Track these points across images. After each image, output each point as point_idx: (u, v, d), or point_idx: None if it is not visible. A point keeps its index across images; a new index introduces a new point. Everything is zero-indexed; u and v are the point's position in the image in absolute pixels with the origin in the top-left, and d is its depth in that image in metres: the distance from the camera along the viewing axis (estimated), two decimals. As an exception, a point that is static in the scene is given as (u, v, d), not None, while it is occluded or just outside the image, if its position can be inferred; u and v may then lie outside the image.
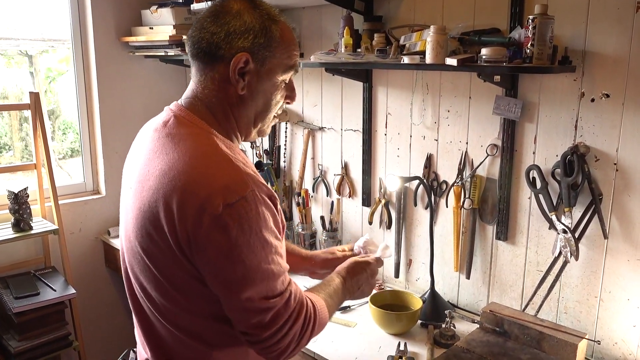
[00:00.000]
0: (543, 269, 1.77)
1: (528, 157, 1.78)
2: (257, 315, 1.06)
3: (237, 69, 1.09)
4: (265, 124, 1.21)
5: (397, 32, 1.99)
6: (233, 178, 1.03)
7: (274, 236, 1.07)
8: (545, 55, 1.53)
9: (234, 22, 1.08)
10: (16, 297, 2.34)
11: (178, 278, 1.09)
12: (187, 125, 1.11)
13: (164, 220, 1.03)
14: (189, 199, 1.00)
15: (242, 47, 1.08)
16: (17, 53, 2.86)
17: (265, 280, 1.05)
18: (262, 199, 1.04)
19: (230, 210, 0.99)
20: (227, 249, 1.01)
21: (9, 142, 2.91)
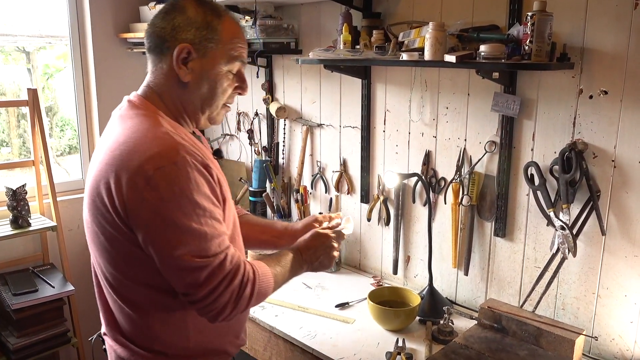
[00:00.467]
0: (541, 265, 1.78)
1: (526, 153, 1.79)
2: (191, 273, 1.12)
3: (180, 59, 1.20)
4: (213, 112, 1.30)
5: (395, 28, 1.99)
6: (166, 146, 1.12)
7: (209, 201, 1.15)
8: (543, 52, 1.53)
9: (179, 17, 1.21)
10: (15, 294, 2.33)
11: (122, 246, 1.17)
12: (136, 107, 1.23)
13: (104, 190, 1.14)
14: (124, 167, 1.11)
15: (185, 39, 1.20)
16: (14, 49, 2.85)
17: (197, 240, 1.11)
18: (194, 165, 1.12)
19: (162, 173, 1.09)
20: (158, 208, 1.09)
21: (7, 138, 2.90)
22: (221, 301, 1.15)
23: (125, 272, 1.22)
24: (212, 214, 1.15)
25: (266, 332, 1.95)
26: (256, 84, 2.69)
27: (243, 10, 2.47)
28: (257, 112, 2.75)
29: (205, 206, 1.13)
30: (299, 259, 1.39)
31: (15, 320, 2.30)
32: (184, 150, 1.13)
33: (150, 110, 1.23)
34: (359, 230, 2.38)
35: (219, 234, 1.16)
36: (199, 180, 1.13)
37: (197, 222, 1.12)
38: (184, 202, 1.10)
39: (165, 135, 1.15)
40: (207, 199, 1.15)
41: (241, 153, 2.90)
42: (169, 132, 1.16)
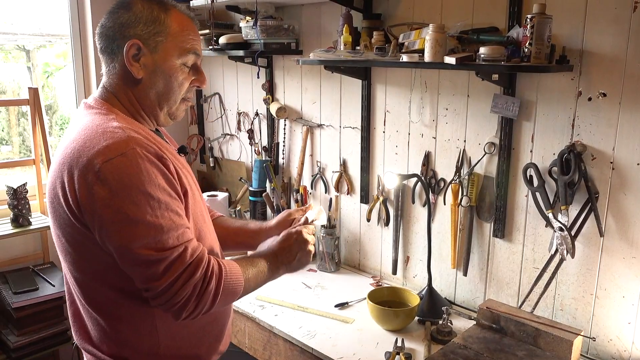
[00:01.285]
0: (539, 266, 1.79)
1: (525, 155, 1.79)
2: (149, 267, 1.10)
3: (131, 55, 1.19)
4: (172, 107, 1.28)
5: (396, 30, 2.00)
6: (114, 140, 1.11)
7: (164, 193, 1.12)
8: (543, 55, 1.54)
9: (125, 14, 1.20)
10: (15, 292, 2.34)
11: (83, 247, 1.16)
12: (91, 108, 1.23)
13: (59, 190, 1.13)
14: (75, 164, 1.10)
15: (133, 35, 1.19)
16: (14, 48, 2.86)
17: (152, 232, 1.09)
18: (145, 156, 1.11)
19: (110, 166, 1.07)
20: (109, 202, 1.07)
21: (6, 137, 2.91)
22: (182, 295, 1.12)
23: (90, 274, 1.20)
24: (169, 206, 1.12)
25: (266, 332, 1.96)
26: (256, 84, 2.70)
27: (244, 11, 2.48)
28: (257, 112, 2.76)
29: (159, 198, 1.11)
30: (275, 261, 1.36)
31: (15, 319, 2.31)
32: (134, 142, 1.11)
33: (105, 109, 1.21)
34: (358, 230, 2.39)
35: (177, 226, 1.13)
36: (150, 171, 1.11)
37: (151, 214, 1.09)
38: (135, 194, 1.08)
39: (115, 129, 1.14)
40: (162, 190, 1.12)
41: (241, 153, 2.91)
42: (121, 126, 1.15)
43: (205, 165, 3.17)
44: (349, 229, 2.44)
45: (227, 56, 2.59)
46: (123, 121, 1.19)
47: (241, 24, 2.39)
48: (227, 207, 2.70)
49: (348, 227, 2.44)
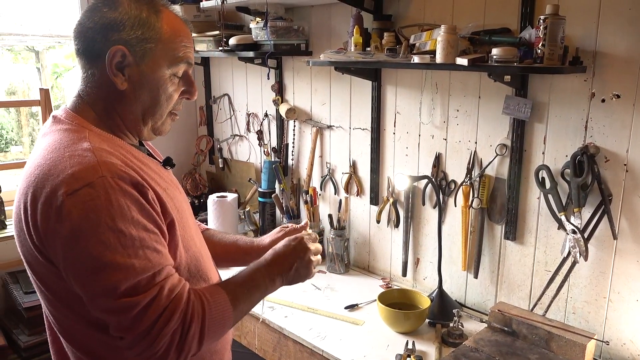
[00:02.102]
0: (551, 269, 1.77)
1: (537, 157, 1.78)
2: (118, 315, 0.96)
3: (114, 64, 1.04)
4: (157, 122, 1.14)
5: (406, 31, 1.99)
6: (83, 166, 0.96)
7: (139, 227, 0.97)
8: (556, 56, 1.53)
9: (109, 14, 1.03)
10: (26, 292, 2.35)
11: (51, 282, 1.03)
12: (61, 122, 1.07)
13: (23, 219, 1.00)
14: (38, 193, 0.96)
15: (118, 40, 1.03)
16: (24, 49, 2.88)
17: (122, 275, 0.94)
18: (117, 186, 0.96)
19: (73, 199, 0.93)
20: (73, 242, 0.93)
21: (16, 137, 2.92)
22: (160, 344, 0.97)
23: (64, 311, 1.06)
24: (144, 242, 0.97)
25: (276, 333, 1.96)
26: (266, 85, 2.70)
27: (254, 12, 2.48)
28: (266, 113, 2.76)
29: (132, 234, 0.96)
30: (269, 272, 1.19)
31: (26, 319, 2.32)
32: (105, 169, 0.96)
33: (77, 124, 1.06)
34: (368, 232, 2.38)
35: (153, 265, 0.97)
36: (122, 203, 0.95)
37: (122, 253, 0.94)
38: (102, 232, 0.93)
39: (84, 152, 0.98)
40: (136, 225, 0.97)
41: (250, 154, 2.91)
42: (92, 148, 0.99)
43: (214, 166, 3.17)
44: (358, 231, 2.43)
45: (236, 57, 2.60)
46: (97, 139, 1.03)
47: (251, 25, 2.39)
48: (236, 208, 2.70)
49: (357, 228, 2.43)
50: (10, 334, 2.37)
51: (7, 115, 2.89)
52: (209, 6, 2.46)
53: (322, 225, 2.49)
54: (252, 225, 2.79)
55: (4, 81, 2.82)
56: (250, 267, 1.20)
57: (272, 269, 1.20)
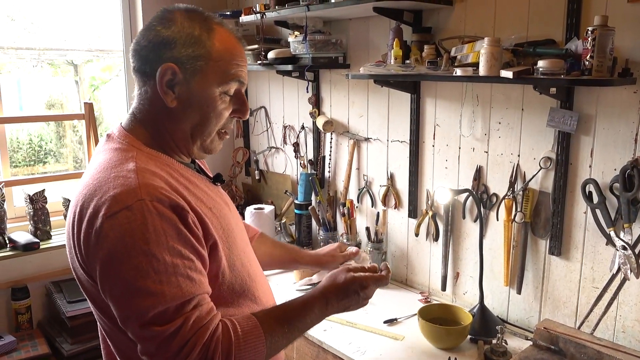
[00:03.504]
0: (599, 285, 1.72)
1: (584, 170, 1.74)
2: (143, 341, 0.96)
3: (165, 81, 1.05)
4: (206, 140, 1.13)
5: (447, 43, 1.98)
6: (124, 188, 0.97)
7: (176, 254, 0.97)
8: (605, 68, 1.50)
9: (163, 32, 1.05)
10: (69, 302, 2.41)
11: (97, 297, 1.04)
12: (113, 141, 1.10)
13: (72, 236, 1.02)
14: (84, 213, 0.98)
15: (169, 57, 1.04)
16: (63, 62, 2.97)
17: (149, 302, 0.94)
18: (154, 209, 0.96)
19: (111, 221, 0.94)
20: (108, 263, 0.95)
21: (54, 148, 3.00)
22: None
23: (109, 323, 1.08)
24: (177, 269, 0.96)
25: (315, 347, 1.95)
26: (302, 98, 2.72)
27: (292, 26, 2.51)
28: (303, 126, 2.77)
29: (166, 260, 0.95)
30: (323, 313, 1.16)
31: (69, 327, 2.37)
32: (145, 192, 0.97)
33: (128, 143, 1.08)
34: (406, 245, 2.36)
35: (184, 294, 0.96)
36: (159, 228, 0.95)
37: (154, 280, 0.94)
38: (136, 255, 0.94)
39: (128, 173, 1.00)
40: (172, 251, 0.96)
41: (286, 166, 2.93)
42: (136, 169, 1.01)
43: (250, 178, 3.20)
44: (396, 244, 2.41)
45: (274, 70, 2.62)
46: (144, 158, 1.05)
47: (289, 39, 2.42)
48: (273, 220, 2.71)
49: (395, 241, 2.41)
50: (54, 342, 2.42)
51: (47, 127, 2.98)
52: (248, 21, 2.50)
53: (359, 238, 2.48)
54: (288, 237, 2.80)
55: (44, 94, 2.92)
56: (303, 302, 1.15)
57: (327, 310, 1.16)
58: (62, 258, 2.61)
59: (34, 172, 2.84)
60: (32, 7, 2.72)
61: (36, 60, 2.83)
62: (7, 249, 2.36)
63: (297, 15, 2.28)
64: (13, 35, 2.66)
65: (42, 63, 2.87)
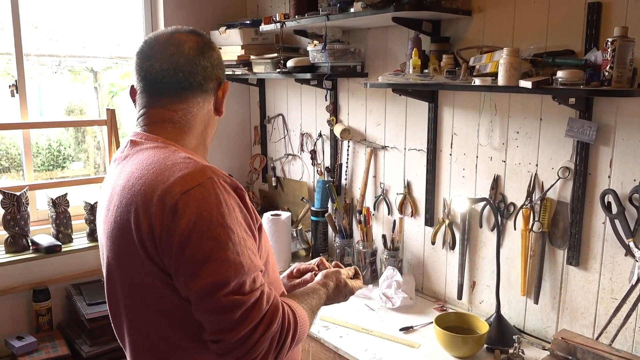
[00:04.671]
0: (618, 296, 1.71)
1: (603, 181, 1.74)
2: (222, 314, 0.97)
3: (223, 96, 1.25)
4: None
5: (465, 53, 1.99)
6: (190, 169, 1.03)
7: (242, 229, 1.03)
8: (625, 78, 1.50)
9: (214, 54, 1.22)
10: (89, 304, 2.45)
11: (154, 293, 1.05)
12: (140, 143, 1.15)
13: (134, 229, 1.03)
14: (150, 201, 1.01)
15: (221, 76, 1.24)
16: (83, 69, 3.03)
17: (232, 272, 0.97)
18: (223, 186, 1.03)
19: (187, 197, 0.98)
20: (186, 236, 0.97)
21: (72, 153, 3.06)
22: (259, 350, 0.99)
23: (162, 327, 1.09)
24: (246, 243, 1.02)
25: (331, 353, 1.96)
26: (320, 106, 2.75)
27: (311, 35, 2.54)
28: (320, 133, 2.80)
29: (239, 233, 1.01)
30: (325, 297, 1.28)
31: (88, 329, 2.41)
32: (211, 172, 1.03)
33: (160, 141, 1.14)
34: (422, 253, 2.37)
35: (255, 267, 1.02)
36: (229, 203, 1.02)
37: (232, 250, 0.98)
38: (214, 227, 0.98)
39: (186, 159, 1.06)
40: (240, 225, 1.03)
41: (303, 173, 2.95)
42: (190, 157, 1.08)
43: (267, 185, 3.23)
44: (412, 252, 2.42)
45: (292, 78, 2.65)
46: (187, 152, 1.12)
47: (309, 48, 2.45)
48: (290, 227, 2.73)
49: (411, 249, 2.42)
50: (73, 344, 2.46)
51: (66, 132, 3.03)
52: (268, 30, 2.53)
53: (375, 246, 2.49)
54: (304, 243, 2.82)
55: (64, 100, 2.98)
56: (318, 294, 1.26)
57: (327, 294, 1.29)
58: (83, 261, 2.66)
59: (53, 176, 2.89)
60: (55, 15, 2.79)
61: (57, 67, 2.90)
62: (30, 251, 2.40)
63: (316, 24, 2.31)
64: (36, 43, 2.72)
65: (62, 70, 2.93)
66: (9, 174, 2.77)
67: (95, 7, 2.86)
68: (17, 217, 2.37)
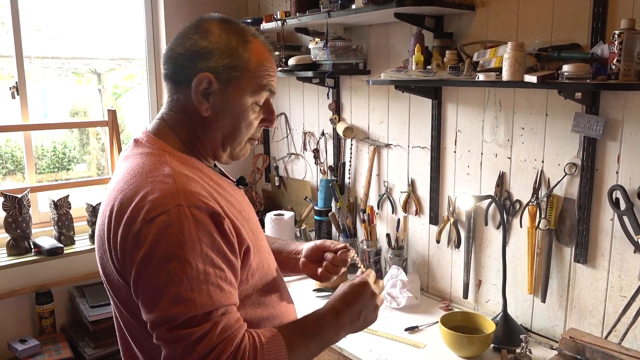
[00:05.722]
0: (627, 294, 1.68)
1: (610, 176, 1.71)
2: (170, 345, 0.96)
3: (200, 90, 1.07)
4: (236, 148, 1.15)
5: (469, 48, 1.96)
6: (162, 193, 0.98)
7: (209, 262, 0.97)
8: (632, 72, 1.47)
9: (200, 42, 1.07)
10: (92, 306, 2.43)
11: (130, 303, 1.04)
12: (142, 146, 1.10)
13: (106, 241, 1.03)
14: (120, 218, 0.99)
15: (205, 67, 1.06)
16: (87, 71, 3.02)
17: (180, 307, 0.94)
18: (191, 215, 0.96)
19: (150, 227, 0.95)
20: (143, 267, 0.95)
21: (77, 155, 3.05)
22: None
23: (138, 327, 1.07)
24: (208, 277, 0.96)
25: (335, 354, 1.94)
26: (322, 104, 2.72)
27: (312, 32, 2.51)
28: (323, 132, 2.77)
29: (199, 267, 0.95)
30: (335, 324, 1.12)
31: (91, 332, 2.40)
32: (182, 197, 0.98)
33: (158, 147, 1.09)
34: (427, 252, 2.34)
35: (213, 303, 0.96)
36: (194, 235, 0.96)
37: (185, 287, 0.94)
38: (170, 262, 0.94)
39: (165, 178, 1.01)
40: (204, 258, 0.96)
41: (306, 172, 2.93)
42: (173, 173, 1.02)
43: (270, 184, 3.21)
44: (416, 251, 2.39)
45: (294, 77, 2.63)
46: (177, 163, 1.06)
47: (310, 46, 2.42)
48: (293, 226, 2.71)
49: (416, 248, 2.39)
50: (76, 347, 2.45)
51: (70, 134, 3.03)
52: (269, 28, 2.51)
53: (379, 245, 2.47)
54: (308, 243, 2.79)
55: (68, 102, 2.97)
56: (316, 315, 1.13)
57: (339, 320, 1.13)
58: (85, 263, 2.65)
59: (58, 178, 2.89)
60: (57, 17, 2.78)
61: (61, 69, 2.89)
62: (32, 253, 2.39)
63: (317, 22, 2.29)
64: (39, 45, 2.71)
65: (66, 72, 2.92)
66: (14, 177, 2.77)
67: (97, 9, 2.85)
68: (19, 220, 2.35)
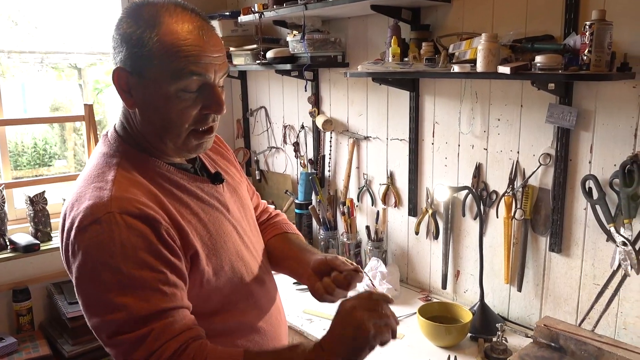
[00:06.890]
0: (600, 282, 1.71)
1: (584, 166, 1.73)
2: (111, 352, 0.97)
3: (121, 86, 1.02)
4: (177, 141, 1.05)
5: (445, 40, 1.97)
6: (95, 200, 0.97)
7: (143, 266, 0.94)
8: (603, 62, 1.49)
9: (115, 35, 1.02)
10: (70, 303, 2.41)
11: None
12: (104, 144, 1.10)
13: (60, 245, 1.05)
14: (64, 224, 1.01)
15: (119, 61, 1.02)
16: (67, 66, 2.97)
17: (114, 315, 0.93)
18: (123, 222, 0.94)
19: (82, 235, 0.95)
20: (77, 276, 0.97)
21: (58, 151, 3.01)
22: None
23: None
24: (145, 283, 0.94)
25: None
26: (302, 98, 2.71)
27: (290, 25, 2.50)
28: (303, 125, 2.77)
29: (132, 274, 0.93)
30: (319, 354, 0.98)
31: (70, 329, 2.37)
32: (116, 204, 0.96)
33: (115, 145, 1.08)
34: (406, 244, 2.35)
35: (150, 307, 0.94)
36: (125, 241, 0.94)
37: (116, 293, 0.93)
38: (102, 269, 0.93)
39: (105, 184, 1.00)
40: (140, 263, 0.94)
41: (287, 166, 2.92)
42: (114, 179, 1.00)
43: (251, 178, 3.19)
44: (396, 242, 2.40)
45: (273, 70, 2.62)
46: (128, 165, 1.04)
47: (288, 38, 2.41)
48: (273, 220, 2.70)
49: (395, 240, 2.40)
50: (55, 344, 2.42)
51: (51, 130, 2.99)
52: (247, 21, 2.50)
53: (359, 237, 2.48)
54: (288, 236, 2.79)
55: (48, 98, 2.92)
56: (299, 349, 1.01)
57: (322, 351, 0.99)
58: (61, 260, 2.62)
59: (38, 174, 2.85)
60: (35, 11, 2.73)
61: (40, 64, 2.84)
62: (8, 250, 2.36)
63: (295, 14, 2.28)
64: (16, 39, 2.66)
65: (46, 67, 2.87)
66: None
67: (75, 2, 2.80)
68: (-6, 216, 2.32)
